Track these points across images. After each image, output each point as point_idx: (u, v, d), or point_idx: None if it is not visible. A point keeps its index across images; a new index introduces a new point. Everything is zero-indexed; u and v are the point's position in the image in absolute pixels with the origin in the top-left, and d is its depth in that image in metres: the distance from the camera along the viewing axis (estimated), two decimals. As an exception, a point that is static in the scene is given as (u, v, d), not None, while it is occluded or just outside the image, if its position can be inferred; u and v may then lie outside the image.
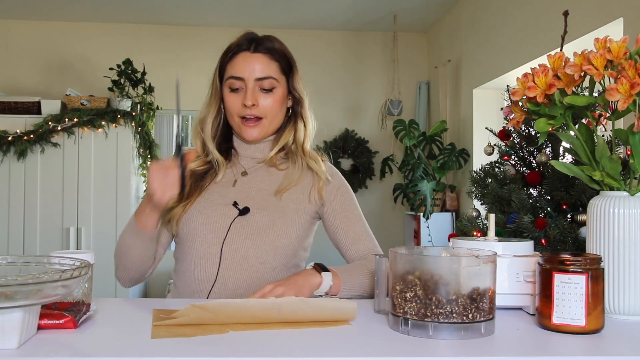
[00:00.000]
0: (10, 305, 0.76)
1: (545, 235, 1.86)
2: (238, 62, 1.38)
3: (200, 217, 1.38)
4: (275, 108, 1.40)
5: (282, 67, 1.41)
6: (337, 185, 1.46)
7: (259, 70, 1.37)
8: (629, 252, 1.04)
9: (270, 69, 1.38)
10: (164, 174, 1.20)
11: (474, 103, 4.09)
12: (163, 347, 0.85)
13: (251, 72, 1.36)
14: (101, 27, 4.93)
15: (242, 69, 1.37)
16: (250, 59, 1.37)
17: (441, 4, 4.48)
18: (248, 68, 1.36)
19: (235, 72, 1.37)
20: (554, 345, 0.88)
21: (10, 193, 4.23)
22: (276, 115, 1.41)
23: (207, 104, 1.45)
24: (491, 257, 0.91)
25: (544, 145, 2.09)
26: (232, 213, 1.38)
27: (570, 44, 2.62)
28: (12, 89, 4.72)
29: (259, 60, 1.37)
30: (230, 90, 1.39)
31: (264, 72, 1.37)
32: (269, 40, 1.41)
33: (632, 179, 1.08)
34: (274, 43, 1.41)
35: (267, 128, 1.41)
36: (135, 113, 4.31)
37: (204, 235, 1.37)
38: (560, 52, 1.08)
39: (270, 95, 1.38)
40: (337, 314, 1.00)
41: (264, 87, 1.37)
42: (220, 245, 1.35)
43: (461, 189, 4.38)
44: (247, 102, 1.35)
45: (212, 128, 1.44)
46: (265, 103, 1.37)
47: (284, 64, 1.41)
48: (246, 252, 1.35)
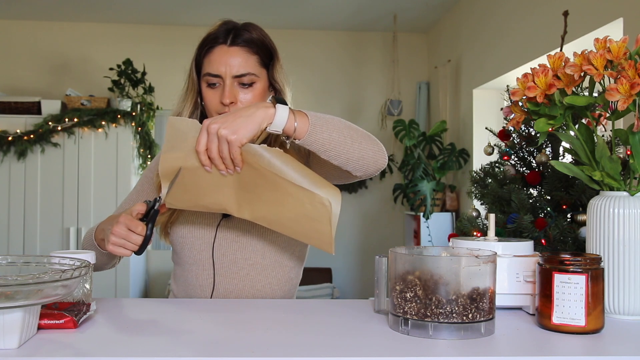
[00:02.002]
0: (11, 305, 0.76)
1: (545, 235, 1.86)
2: (214, 57, 1.27)
3: (186, 223, 1.35)
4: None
5: (261, 59, 1.30)
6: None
7: (237, 66, 1.26)
8: (629, 252, 1.04)
9: (249, 64, 1.27)
10: (127, 233, 1.13)
11: (473, 103, 4.09)
12: (163, 347, 0.85)
13: (228, 69, 1.26)
14: (101, 27, 4.93)
15: (219, 65, 1.26)
16: (226, 53, 1.27)
17: (441, 4, 4.48)
18: (225, 64, 1.26)
19: (211, 69, 1.27)
20: (554, 345, 0.88)
21: (10, 193, 4.23)
22: None
23: (183, 98, 1.35)
24: (491, 257, 0.91)
25: (544, 145, 2.09)
26: (217, 216, 1.34)
27: (570, 44, 2.62)
28: (12, 89, 4.73)
29: (236, 55, 1.27)
30: (207, 85, 1.29)
31: (242, 69, 1.26)
32: (246, 31, 1.29)
33: (632, 179, 1.08)
34: (252, 33, 1.30)
35: None
36: (135, 113, 4.31)
37: (191, 243, 1.34)
38: (560, 52, 1.08)
39: (250, 90, 1.28)
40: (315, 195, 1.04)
41: (243, 83, 1.27)
42: (210, 252, 1.33)
43: (461, 189, 4.38)
44: (225, 100, 1.25)
45: None
46: (244, 98, 1.27)
47: (264, 56, 1.30)
48: (234, 255, 1.32)
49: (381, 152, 1.18)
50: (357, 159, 1.13)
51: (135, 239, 1.13)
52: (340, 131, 1.11)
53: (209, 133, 1.04)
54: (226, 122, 1.04)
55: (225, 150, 1.04)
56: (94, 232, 1.32)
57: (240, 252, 1.32)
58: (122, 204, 1.45)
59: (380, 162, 1.18)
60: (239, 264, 1.32)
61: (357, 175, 1.18)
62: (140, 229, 1.13)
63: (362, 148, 1.14)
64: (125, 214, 1.15)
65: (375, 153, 1.16)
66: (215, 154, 1.05)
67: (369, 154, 1.15)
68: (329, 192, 1.06)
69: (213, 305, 1.16)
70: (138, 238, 1.13)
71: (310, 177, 1.07)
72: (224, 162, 1.07)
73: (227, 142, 1.03)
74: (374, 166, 1.17)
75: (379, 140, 1.19)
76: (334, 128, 1.10)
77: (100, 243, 1.28)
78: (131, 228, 1.13)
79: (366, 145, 1.15)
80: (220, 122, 1.04)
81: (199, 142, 1.05)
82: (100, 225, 1.30)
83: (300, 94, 5.93)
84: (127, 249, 1.14)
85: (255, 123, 1.05)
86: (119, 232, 1.13)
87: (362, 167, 1.15)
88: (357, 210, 5.12)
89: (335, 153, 1.11)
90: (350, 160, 1.13)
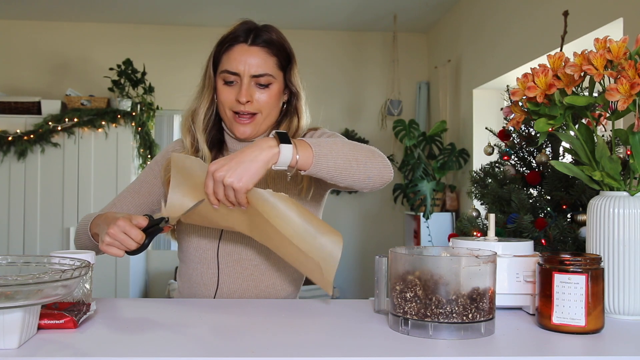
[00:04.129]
0: (11, 305, 0.76)
1: (545, 235, 1.85)
2: (234, 55, 1.29)
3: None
4: (271, 104, 1.32)
5: (279, 61, 1.32)
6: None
7: (256, 66, 1.28)
8: (629, 252, 1.04)
9: (268, 65, 1.30)
10: (124, 237, 1.13)
11: (473, 103, 4.09)
12: (163, 347, 0.85)
13: (247, 68, 1.28)
14: (101, 27, 4.93)
15: (238, 63, 1.28)
16: (246, 52, 1.29)
17: (441, 4, 4.48)
18: (244, 63, 1.28)
19: (230, 67, 1.29)
20: (554, 345, 0.88)
21: (10, 193, 4.23)
22: (271, 111, 1.33)
23: (199, 95, 1.36)
24: (491, 257, 0.91)
25: (544, 145, 2.09)
26: None
27: (570, 44, 2.62)
28: (12, 89, 4.73)
29: (256, 55, 1.29)
30: (224, 83, 1.31)
31: (261, 69, 1.29)
32: (267, 32, 1.32)
33: (632, 179, 1.08)
34: (272, 34, 1.32)
35: (260, 124, 1.33)
36: (135, 113, 4.32)
37: (196, 242, 1.34)
38: (560, 52, 1.08)
39: (266, 91, 1.30)
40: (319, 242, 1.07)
41: (260, 83, 1.30)
42: (215, 251, 1.33)
43: (461, 189, 4.38)
44: (242, 99, 1.28)
45: (205, 120, 1.35)
46: (260, 98, 1.30)
47: (282, 58, 1.33)
48: (239, 255, 1.33)
49: (386, 167, 1.18)
50: (363, 179, 1.15)
51: (130, 244, 1.14)
52: (345, 156, 1.12)
53: (215, 181, 1.05)
54: (230, 170, 1.04)
55: (232, 196, 1.05)
56: (89, 224, 1.31)
57: (244, 252, 1.33)
58: (115, 200, 1.44)
59: (386, 177, 1.19)
60: (244, 264, 1.33)
61: (365, 192, 1.19)
62: (138, 236, 1.14)
63: (367, 168, 1.15)
64: (125, 219, 1.15)
65: (381, 170, 1.17)
66: (222, 198, 1.06)
67: (374, 172, 1.16)
68: (330, 238, 1.09)
69: (213, 305, 1.16)
70: (133, 244, 1.14)
71: (314, 222, 1.09)
72: (232, 203, 1.08)
73: (233, 190, 1.04)
74: (380, 182, 1.18)
75: (381, 153, 1.21)
76: (337, 154, 1.11)
77: (94, 236, 1.30)
78: (129, 234, 1.13)
79: (371, 164, 1.16)
80: (225, 170, 1.04)
81: (207, 185, 1.07)
82: (96, 220, 1.30)
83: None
84: (120, 250, 1.15)
85: (259, 167, 1.05)
86: (114, 234, 1.13)
87: (369, 185, 1.17)
88: (357, 210, 5.12)
89: (342, 178, 1.13)
90: (356, 182, 1.15)
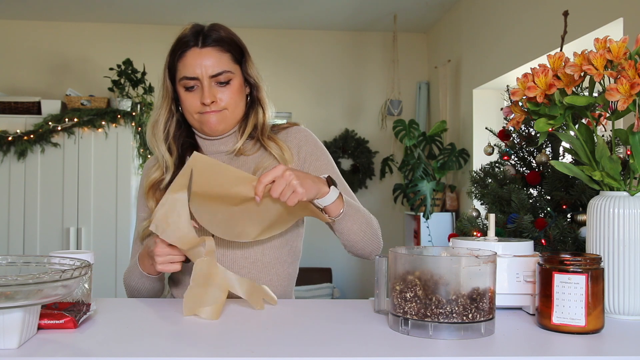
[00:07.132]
0: (11, 305, 0.76)
1: (545, 235, 1.86)
2: (188, 61, 1.31)
3: None
4: (235, 99, 1.34)
5: (234, 56, 1.34)
6: (306, 155, 1.39)
7: (212, 66, 1.30)
8: (629, 252, 1.04)
9: (223, 62, 1.32)
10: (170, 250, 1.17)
11: (474, 103, 4.09)
12: (163, 347, 0.85)
13: (204, 70, 1.30)
14: (101, 27, 4.93)
15: (194, 67, 1.30)
16: (200, 55, 1.31)
17: (441, 4, 4.48)
18: (200, 66, 1.30)
19: (187, 72, 1.31)
20: (554, 345, 0.88)
21: (10, 193, 4.23)
22: (237, 105, 1.36)
23: (159, 106, 1.39)
24: (491, 257, 0.91)
25: (544, 145, 2.09)
26: None
27: (570, 44, 2.62)
28: (12, 89, 4.73)
29: (209, 55, 1.31)
30: (185, 90, 1.33)
31: (218, 67, 1.31)
32: (215, 30, 1.34)
33: (632, 179, 1.08)
34: (220, 32, 1.34)
35: (229, 119, 1.35)
36: (135, 113, 4.32)
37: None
38: (560, 52, 1.08)
39: (228, 88, 1.32)
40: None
41: (220, 81, 1.32)
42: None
43: (461, 189, 4.38)
44: (206, 101, 1.30)
45: (165, 130, 1.38)
46: (224, 96, 1.32)
47: (236, 53, 1.35)
48: (234, 254, 1.33)
49: (378, 248, 1.34)
50: (358, 248, 1.31)
51: (178, 256, 1.19)
52: (360, 225, 1.28)
53: (283, 177, 1.11)
54: (300, 177, 1.13)
55: (287, 195, 1.11)
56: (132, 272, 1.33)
57: (240, 250, 1.33)
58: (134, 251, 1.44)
59: (373, 254, 1.33)
60: (240, 263, 1.33)
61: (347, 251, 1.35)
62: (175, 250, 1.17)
63: (367, 244, 1.31)
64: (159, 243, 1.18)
65: (374, 249, 1.33)
66: (276, 193, 1.11)
67: (369, 249, 1.32)
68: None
69: (213, 305, 1.16)
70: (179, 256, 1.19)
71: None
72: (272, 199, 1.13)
73: (293, 192, 1.11)
74: (364, 256, 1.34)
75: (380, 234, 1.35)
76: (358, 221, 1.28)
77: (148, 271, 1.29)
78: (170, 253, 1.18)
79: (371, 242, 1.31)
80: (295, 174, 1.12)
81: (269, 174, 1.11)
82: (136, 262, 1.32)
83: (300, 94, 5.98)
84: (175, 264, 1.19)
85: (316, 190, 1.16)
86: (161, 252, 1.18)
87: (357, 253, 1.33)
88: (357, 210, 5.11)
89: (347, 238, 1.28)
90: (352, 246, 1.31)
